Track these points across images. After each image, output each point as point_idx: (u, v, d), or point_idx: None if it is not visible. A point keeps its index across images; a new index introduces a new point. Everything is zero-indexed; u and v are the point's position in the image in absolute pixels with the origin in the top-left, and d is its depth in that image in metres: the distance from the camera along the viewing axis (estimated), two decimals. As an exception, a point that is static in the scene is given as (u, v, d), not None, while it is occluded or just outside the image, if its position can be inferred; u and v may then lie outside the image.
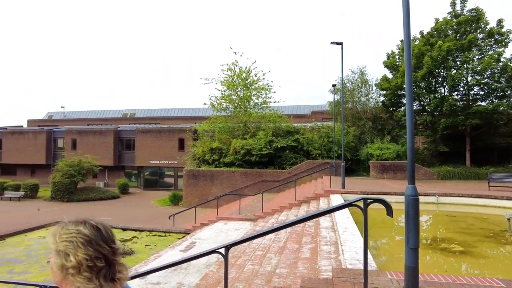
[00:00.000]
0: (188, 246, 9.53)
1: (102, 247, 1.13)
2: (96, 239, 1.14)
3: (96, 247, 1.12)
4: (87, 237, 1.13)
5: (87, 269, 1.09)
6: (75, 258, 1.08)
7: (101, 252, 1.12)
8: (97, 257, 1.11)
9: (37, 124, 44.94)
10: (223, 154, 21.84)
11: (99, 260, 1.11)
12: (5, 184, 25.54)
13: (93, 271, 1.09)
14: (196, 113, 41.51)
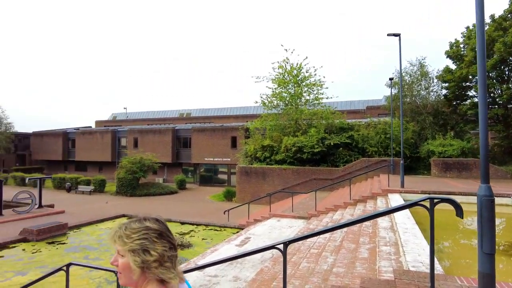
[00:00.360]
0: (243, 241, 9.76)
1: (171, 238, 1.26)
2: (165, 231, 1.26)
3: (167, 238, 1.25)
4: (158, 231, 1.24)
5: (168, 260, 1.21)
6: (156, 252, 1.18)
7: (171, 242, 1.25)
8: (170, 247, 1.23)
9: (103, 124, 49.01)
10: (274, 152, 21.94)
11: (172, 250, 1.24)
12: (78, 180, 28.28)
13: (172, 261, 1.22)
14: (248, 111, 42.16)
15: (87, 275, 8.56)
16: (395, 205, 8.25)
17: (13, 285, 8.08)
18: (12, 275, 8.89)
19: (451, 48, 21.46)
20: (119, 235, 1.23)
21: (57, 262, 9.68)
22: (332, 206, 12.56)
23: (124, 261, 1.20)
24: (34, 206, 16.79)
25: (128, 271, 1.20)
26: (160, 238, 1.22)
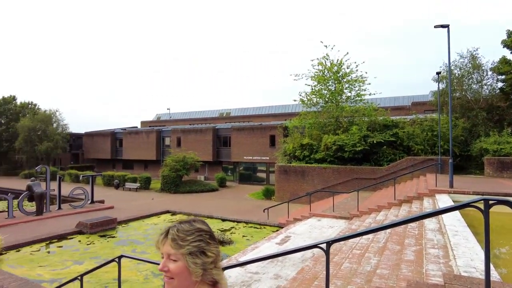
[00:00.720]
0: (283, 239, 9.78)
1: (216, 238, 1.28)
2: (212, 232, 1.27)
3: (216, 239, 1.27)
4: (209, 232, 1.25)
5: (219, 260, 1.23)
6: (212, 253, 1.20)
7: (217, 242, 1.27)
8: (217, 247, 1.25)
9: (148, 124, 51.36)
10: (314, 150, 21.66)
11: (219, 250, 1.26)
12: (126, 177, 29.91)
13: (220, 260, 1.24)
14: (286, 109, 42.01)
15: (135, 267, 9.06)
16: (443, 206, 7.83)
17: (72, 272, 8.77)
18: (71, 263, 9.66)
19: (508, 37, 19.82)
20: (173, 238, 1.19)
21: (108, 254, 10.34)
22: (375, 207, 12.19)
23: (179, 265, 1.17)
24: (87, 202, 18.07)
25: (184, 275, 1.17)
26: (212, 239, 1.23)
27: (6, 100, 47.76)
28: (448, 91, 13.67)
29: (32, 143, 41.22)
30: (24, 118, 43.34)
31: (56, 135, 42.26)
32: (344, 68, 23.05)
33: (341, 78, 22.97)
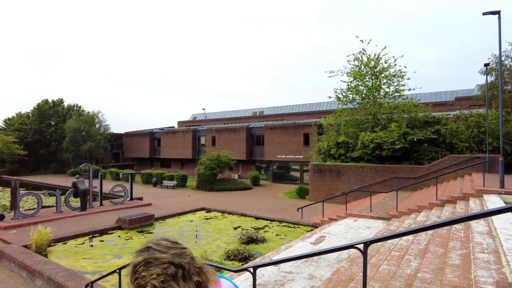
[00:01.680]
0: (318, 239, 9.54)
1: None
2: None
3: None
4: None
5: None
6: None
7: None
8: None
9: (184, 124, 52.71)
10: (350, 149, 21.03)
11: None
12: (163, 175, 30.87)
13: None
14: (321, 107, 41.27)
15: (171, 263, 9.23)
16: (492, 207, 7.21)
17: (111, 266, 9.12)
18: (110, 257, 10.07)
19: None
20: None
21: (146, 249, 10.65)
22: (415, 207, 11.57)
23: None
24: (126, 198, 18.83)
25: None
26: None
27: (55, 103, 51.16)
28: (499, 83, 12.65)
29: (77, 143, 43.78)
30: (70, 120, 46.16)
31: (98, 135, 44.59)
32: (381, 63, 22.18)
33: (379, 73, 22.11)
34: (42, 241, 10.65)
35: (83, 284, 7.46)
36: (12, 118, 51.77)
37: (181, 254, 1.17)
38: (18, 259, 9.34)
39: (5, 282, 8.65)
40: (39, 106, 50.00)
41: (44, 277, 8.16)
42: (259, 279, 6.58)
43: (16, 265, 9.40)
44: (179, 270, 1.13)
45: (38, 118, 49.32)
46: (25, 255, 9.60)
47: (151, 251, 1.18)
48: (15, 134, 46.64)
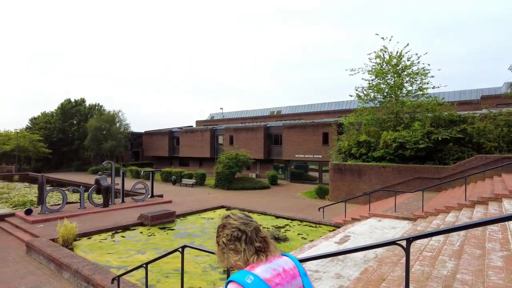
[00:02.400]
0: (342, 239, 9.35)
1: (228, 227, 1.57)
2: (225, 222, 1.61)
3: (227, 227, 1.57)
4: (221, 224, 1.63)
5: (228, 246, 1.58)
6: (219, 241, 1.63)
7: (227, 231, 1.57)
8: (225, 234, 1.57)
9: (202, 124, 53.12)
10: (371, 148, 20.60)
11: (225, 239, 1.56)
12: (182, 173, 31.15)
13: (232, 246, 1.55)
14: (340, 106, 40.72)
15: (193, 260, 9.25)
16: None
17: (135, 261, 9.21)
18: (134, 253, 10.18)
19: None
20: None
21: (168, 246, 10.73)
22: (442, 207, 11.18)
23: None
24: (147, 196, 19.07)
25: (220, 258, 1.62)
26: (221, 228, 1.62)
27: (77, 102, 52.53)
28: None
29: (98, 142, 44.79)
30: (91, 119, 47.27)
31: (119, 134, 45.47)
32: (404, 61, 21.65)
33: (401, 71, 21.58)
34: (69, 235, 10.88)
35: (109, 277, 7.55)
36: (37, 118, 53.47)
37: (246, 223, 1.50)
38: (46, 252, 9.56)
39: (35, 274, 8.87)
40: (62, 106, 51.45)
41: (72, 270, 8.30)
42: (285, 277, 6.47)
43: (45, 257, 9.62)
44: (243, 235, 1.46)
45: (62, 117, 50.77)
46: (53, 248, 9.82)
47: (228, 218, 1.55)
48: (40, 132, 48.14)
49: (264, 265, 1.40)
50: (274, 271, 1.39)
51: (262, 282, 1.32)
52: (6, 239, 12.41)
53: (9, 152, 43.79)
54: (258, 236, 1.47)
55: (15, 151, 42.78)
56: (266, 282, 1.32)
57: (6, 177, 36.04)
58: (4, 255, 10.46)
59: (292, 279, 1.42)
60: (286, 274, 1.42)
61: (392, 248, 8.02)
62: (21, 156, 44.33)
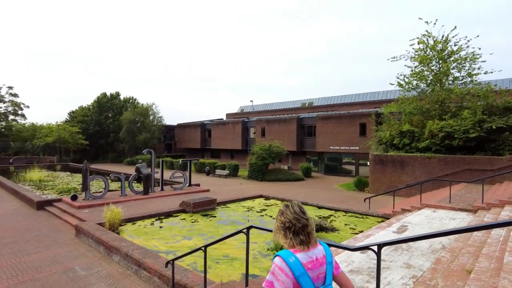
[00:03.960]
0: (400, 228, 8.75)
1: (285, 216, 1.92)
2: (284, 210, 1.95)
3: (284, 215, 1.92)
4: (280, 210, 1.97)
5: (280, 232, 1.96)
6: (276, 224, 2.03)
7: (282, 218, 1.94)
8: (281, 220, 1.95)
9: (232, 117, 53.13)
10: (415, 138, 19.54)
11: (280, 224, 1.94)
12: (216, 164, 31.25)
13: (283, 233, 1.92)
14: (375, 97, 39.24)
15: (242, 246, 9.01)
16: None
17: (183, 246, 9.11)
18: (180, 238, 10.09)
19: None
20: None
21: (213, 232, 10.57)
22: (506, 199, 10.25)
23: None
24: (185, 184, 19.16)
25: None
26: (280, 214, 1.98)
27: (112, 96, 54.13)
28: None
29: (133, 134, 45.92)
30: (126, 112, 48.51)
31: (152, 126, 46.40)
32: (450, 45, 20.29)
33: (447, 57, 20.24)
34: (115, 220, 10.97)
35: (160, 262, 7.42)
36: (75, 111, 55.65)
37: (298, 219, 1.84)
38: (95, 235, 9.65)
39: (86, 256, 8.96)
40: (99, 99, 53.19)
41: (121, 253, 8.28)
42: (349, 266, 6.04)
43: (94, 240, 9.72)
44: (293, 227, 1.83)
45: (98, 110, 52.53)
46: (101, 232, 9.90)
47: (288, 208, 1.90)
48: (78, 125, 50.07)
49: (303, 253, 1.81)
50: (310, 259, 1.81)
51: (300, 264, 1.75)
52: (55, 222, 12.77)
53: (51, 143, 45.88)
54: (304, 231, 1.85)
55: (56, 143, 44.73)
56: (302, 265, 1.75)
57: (49, 167, 37.73)
58: (56, 237, 10.72)
59: (320, 266, 1.84)
60: (317, 261, 1.84)
61: (462, 239, 7.36)
62: (61, 147, 46.32)
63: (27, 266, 8.18)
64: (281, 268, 1.73)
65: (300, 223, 1.83)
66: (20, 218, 13.43)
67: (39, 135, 47.38)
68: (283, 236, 1.87)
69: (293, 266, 1.72)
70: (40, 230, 11.56)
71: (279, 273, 1.73)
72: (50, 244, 9.96)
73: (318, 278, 1.82)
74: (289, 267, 1.73)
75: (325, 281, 1.85)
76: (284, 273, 1.72)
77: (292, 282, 1.71)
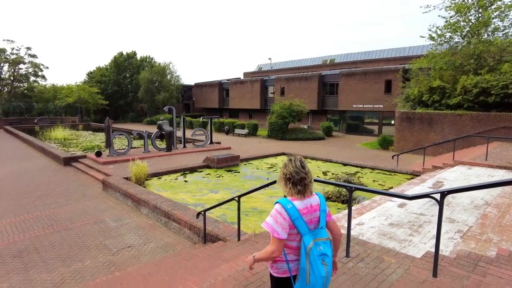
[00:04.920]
0: (435, 184, 8.36)
1: (289, 167, 2.18)
2: (288, 163, 2.20)
3: (288, 167, 2.18)
4: (284, 162, 2.26)
5: (282, 181, 2.24)
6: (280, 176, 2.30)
7: (286, 170, 2.19)
8: (283, 172, 2.21)
9: (250, 75, 51.85)
10: (446, 95, 18.47)
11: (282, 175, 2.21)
12: (235, 124, 31.02)
13: (284, 183, 2.18)
14: (401, 53, 37.14)
15: (269, 200, 8.93)
16: None
17: (210, 199, 9.09)
18: (207, 192, 10.09)
19: None
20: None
21: (239, 187, 10.50)
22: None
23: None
24: (207, 142, 19.10)
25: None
26: (284, 167, 2.23)
27: (129, 55, 53.51)
28: None
29: (151, 94, 45.81)
30: (143, 71, 48.07)
31: (170, 86, 46.02)
32: (494, -10, 18.40)
33: (489, 4, 18.45)
34: (141, 174, 11.02)
35: (189, 213, 7.39)
36: (93, 72, 55.63)
37: (298, 172, 2.09)
38: (122, 188, 9.74)
39: (114, 209, 9.09)
40: (115, 59, 52.75)
41: (150, 205, 8.31)
42: (388, 219, 5.77)
43: (121, 194, 9.82)
44: (292, 178, 2.10)
45: (115, 70, 52.31)
46: (128, 185, 9.98)
47: (291, 161, 2.16)
48: (97, 86, 50.26)
49: (300, 201, 2.09)
50: (305, 206, 2.09)
51: (296, 210, 2.04)
52: (82, 177, 13.03)
53: (71, 104, 46.51)
54: (302, 183, 2.09)
55: (77, 103, 45.29)
56: (298, 211, 2.04)
57: (71, 126, 38.52)
58: (84, 191, 10.93)
59: (314, 212, 2.12)
60: (311, 208, 2.11)
61: (508, 195, 6.95)
62: (82, 108, 46.96)
63: (60, 217, 8.38)
64: (280, 212, 2.03)
65: (298, 176, 2.08)
66: (49, 173, 13.78)
67: (60, 95, 47.98)
68: (284, 185, 2.15)
69: (290, 211, 2.01)
70: (69, 184, 11.82)
71: (278, 216, 2.02)
72: (79, 197, 10.17)
73: (312, 222, 2.10)
74: (287, 212, 2.01)
75: (319, 224, 2.12)
76: (282, 216, 2.01)
77: (288, 224, 2.01)
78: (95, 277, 5.37)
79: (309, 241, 2.04)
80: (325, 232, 2.13)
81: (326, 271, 2.04)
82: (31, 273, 5.51)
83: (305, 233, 2.04)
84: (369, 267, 3.71)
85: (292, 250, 2.11)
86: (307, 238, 2.04)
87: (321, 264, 2.03)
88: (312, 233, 2.07)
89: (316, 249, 2.02)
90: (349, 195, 3.91)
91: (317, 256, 2.02)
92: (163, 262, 5.41)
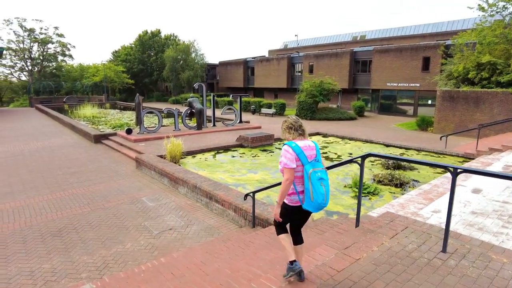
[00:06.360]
0: (506, 168, 7.47)
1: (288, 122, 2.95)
2: (289, 119, 2.98)
3: (287, 122, 2.95)
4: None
5: (285, 130, 2.98)
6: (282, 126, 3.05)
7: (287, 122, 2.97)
8: (286, 123, 2.98)
9: (275, 53, 50.36)
10: (497, 71, 16.93)
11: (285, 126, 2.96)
12: (261, 103, 30.24)
13: (287, 131, 2.93)
14: (439, 28, 34.72)
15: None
16: None
17: (250, 180, 8.62)
18: (245, 172, 9.60)
19: None
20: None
21: (276, 167, 9.92)
22: None
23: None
24: (237, 121, 18.55)
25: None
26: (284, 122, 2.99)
27: (154, 33, 53.05)
28: None
29: (176, 72, 45.44)
30: (168, 49, 47.58)
31: (195, 64, 45.41)
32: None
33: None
34: (176, 152, 10.64)
35: (232, 194, 6.90)
36: (118, 51, 55.73)
37: (296, 121, 2.89)
38: (158, 166, 9.36)
39: (150, 188, 8.75)
40: (140, 37, 52.45)
41: (189, 185, 7.89)
42: (467, 206, 5.03)
43: (157, 172, 9.47)
44: (293, 126, 2.85)
45: (140, 48, 52.12)
46: (164, 164, 9.60)
47: (289, 118, 2.94)
48: (122, 64, 50.37)
49: (300, 141, 2.81)
50: (304, 144, 2.78)
51: (298, 147, 2.71)
52: (113, 155, 12.84)
53: (98, 83, 46.97)
54: (300, 128, 2.86)
55: (103, 82, 45.66)
56: (300, 147, 2.71)
57: (99, 105, 38.94)
58: (116, 168, 10.68)
59: (311, 150, 2.79)
60: (309, 147, 2.80)
61: None
62: (108, 86, 47.35)
63: (95, 195, 8.12)
64: (287, 150, 2.72)
65: (297, 124, 2.87)
66: (81, 150, 13.70)
67: (87, 74, 48.44)
68: (288, 133, 2.88)
69: (294, 148, 2.71)
70: (101, 162, 11.62)
71: (287, 153, 2.71)
72: (112, 175, 9.92)
73: (311, 157, 2.75)
74: (292, 149, 2.71)
75: (316, 157, 2.79)
76: (289, 153, 2.70)
77: (294, 157, 2.69)
78: (138, 261, 4.97)
79: (309, 168, 2.68)
80: (320, 164, 2.79)
81: (324, 190, 2.67)
82: (72, 254, 5.20)
83: (306, 163, 2.70)
84: (478, 267, 3.05)
85: (299, 179, 2.75)
86: (308, 167, 2.69)
87: (320, 185, 2.65)
88: (311, 163, 2.72)
89: (315, 175, 2.65)
90: (452, 179, 3.20)
91: (317, 180, 2.65)
92: (212, 248, 4.95)
